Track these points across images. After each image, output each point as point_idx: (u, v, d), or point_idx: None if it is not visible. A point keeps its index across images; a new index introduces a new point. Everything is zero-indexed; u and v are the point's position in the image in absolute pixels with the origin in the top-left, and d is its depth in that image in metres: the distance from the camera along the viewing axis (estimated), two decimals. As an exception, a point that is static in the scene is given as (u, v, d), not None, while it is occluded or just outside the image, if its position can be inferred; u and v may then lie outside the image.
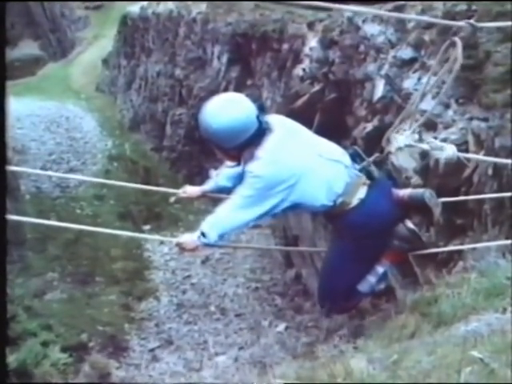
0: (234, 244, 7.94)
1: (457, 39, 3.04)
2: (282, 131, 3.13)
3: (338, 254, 3.35)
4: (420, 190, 3.44)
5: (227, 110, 3.03)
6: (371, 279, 3.32)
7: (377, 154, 3.34)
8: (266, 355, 8.16)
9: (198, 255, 10.47)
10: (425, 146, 3.43)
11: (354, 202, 3.15)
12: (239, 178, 3.21)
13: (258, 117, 3.06)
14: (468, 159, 5.41)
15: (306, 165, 3.09)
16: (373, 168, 3.26)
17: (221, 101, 3.11)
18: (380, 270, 3.31)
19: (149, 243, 11.77)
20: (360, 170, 3.23)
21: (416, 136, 3.29)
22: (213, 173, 3.55)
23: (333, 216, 3.23)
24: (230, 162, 3.34)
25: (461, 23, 3.11)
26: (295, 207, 3.17)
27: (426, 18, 6.11)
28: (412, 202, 3.34)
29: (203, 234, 3.12)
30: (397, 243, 3.28)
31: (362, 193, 3.18)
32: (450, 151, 3.38)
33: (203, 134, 3.15)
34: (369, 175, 3.24)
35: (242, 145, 3.07)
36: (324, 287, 3.50)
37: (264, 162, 3.02)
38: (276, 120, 3.20)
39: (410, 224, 3.31)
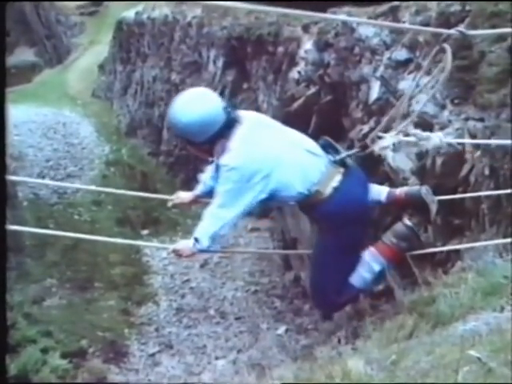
0: (231, 249, 7.95)
1: (446, 46, 3.05)
2: (251, 122, 3.19)
3: (321, 247, 3.37)
4: (416, 187, 3.46)
5: (194, 104, 3.10)
6: (364, 273, 3.28)
7: (357, 149, 3.35)
8: (266, 358, 8.16)
9: (197, 259, 10.47)
10: (411, 139, 3.45)
11: (328, 191, 3.17)
12: None
13: (225, 109, 3.11)
14: (463, 146, 5.43)
15: (279, 153, 3.13)
16: (347, 159, 3.27)
17: (187, 96, 3.18)
18: (375, 266, 3.28)
19: (147, 248, 11.78)
20: (334, 161, 3.25)
21: (401, 137, 3.30)
22: (201, 177, 3.58)
23: (308, 207, 3.24)
24: (205, 157, 3.37)
25: (451, 31, 3.11)
26: (273, 197, 3.18)
27: (415, 27, 6.13)
28: (409, 200, 3.35)
29: (196, 240, 3.15)
30: (394, 241, 3.27)
31: (336, 181, 3.19)
32: (436, 139, 3.38)
33: (174, 130, 3.23)
34: (343, 165, 3.25)
35: (213, 138, 3.12)
36: (314, 283, 3.49)
37: (236, 153, 3.06)
38: (245, 113, 3.27)
39: (407, 221, 3.31)
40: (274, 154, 3.11)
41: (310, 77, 8.75)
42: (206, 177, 3.53)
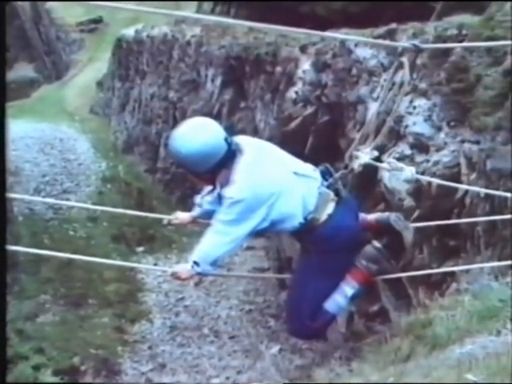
0: (227, 271, 7.92)
1: (404, 60, 3.14)
2: (252, 152, 3.17)
3: (304, 270, 3.38)
4: (386, 214, 3.48)
5: (195, 135, 3.08)
6: (338, 299, 3.28)
7: (342, 171, 3.40)
8: (261, 378, 8.09)
9: (194, 280, 10.43)
10: (385, 166, 3.57)
11: (323, 217, 3.20)
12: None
13: (226, 139, 3.11)
14: (458, 168, 5.50)
15: (281, 183, 3.15)
16: (340, 186, 3.31)
17: (188, 126, 3.16)
18: (348, 290, 3.28)
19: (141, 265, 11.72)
20: (327, 187, 3.27)
21: (375, 153, 3.39)
22: (197, 199, 3.58)
23: (301, 233, 3.25)
24: (205, 185, 3.37)
25: (406, 44, 3.24)
26: (274, 227, 3.19)
27: (398, 43, 6.20)
28: (380, 226, 3.37)
29: (196, 264, 3.16)
30: (364, 263, 3.28)
31: (330, 208, 3.23)
32: (408, 173, 3.51)
33: (174, 160, 3.25)
34: (336, 192, 3.29)
35: (214, 168, 3.11)
36: (291, 306, 3.48)
37: (240, 185, 3.05)
38: (245, 141, 3.25)
39: (376, 244, 3.32)
40: (277, 184, 3.12)
41: (307, 97, 8.80)
42: (202, 200, 3.53)
